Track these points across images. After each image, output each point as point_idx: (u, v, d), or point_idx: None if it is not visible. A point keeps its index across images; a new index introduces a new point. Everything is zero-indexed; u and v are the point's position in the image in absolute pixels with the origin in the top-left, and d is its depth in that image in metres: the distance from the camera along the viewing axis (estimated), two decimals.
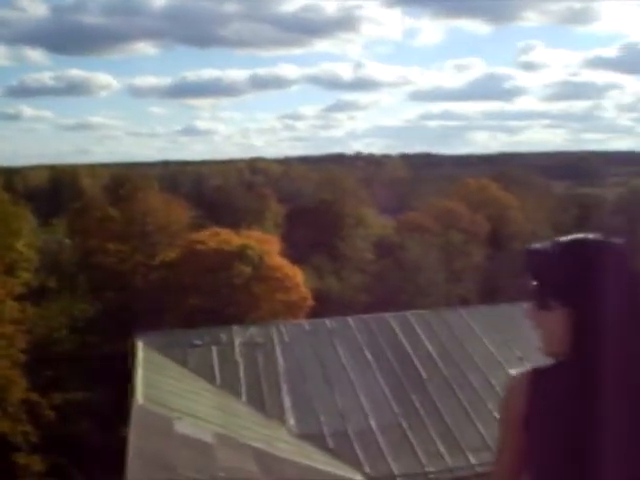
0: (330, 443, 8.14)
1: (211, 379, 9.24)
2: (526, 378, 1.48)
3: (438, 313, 11.71)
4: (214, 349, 9.89)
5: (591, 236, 1.42)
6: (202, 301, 18.91)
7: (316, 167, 61.22)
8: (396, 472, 7.64)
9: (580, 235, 1.42)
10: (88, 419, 15.90)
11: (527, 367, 1.51)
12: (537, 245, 1.44)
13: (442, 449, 7.90)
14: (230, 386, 9.12)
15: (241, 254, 19.52)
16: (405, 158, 78.45)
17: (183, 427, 6.83)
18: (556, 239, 1.43)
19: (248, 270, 19.36)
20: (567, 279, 1.33)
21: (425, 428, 8.26)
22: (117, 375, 11.50)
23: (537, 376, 1.47)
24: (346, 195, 34.03)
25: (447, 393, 8.80)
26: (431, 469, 7.61)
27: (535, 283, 1.39)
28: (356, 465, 7.62)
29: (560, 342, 1.36)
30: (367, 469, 7.58)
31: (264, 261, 19.81)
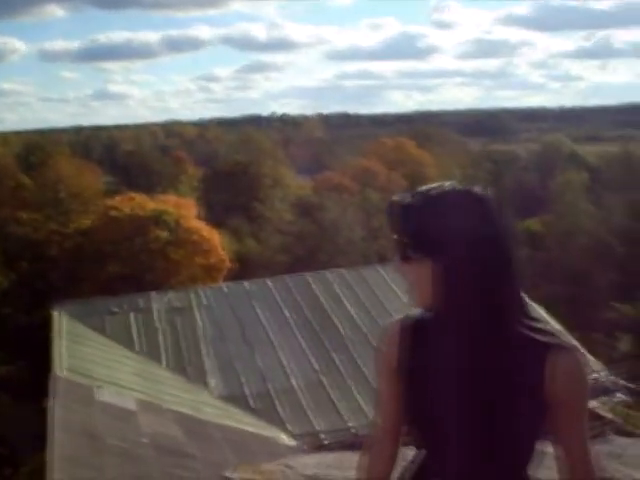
0: (253, 404, 8.21)
1: (131, 346, 9.20)
2: (404, 327, 1.43)
3: (357, 271, 11.79)
4: (132, 316, 9.93)
5: (450, 185, 1.34)
6: (119, 268, 18.66)
7: (232, 129, 59.53)
8: (319, 429, 7.83)
9: (438, 184, 1.35)
10: (6, 392, 15.29)
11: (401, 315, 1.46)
12: (396, 197, 1.39)
13: (363, 405, 8.07)
14: (150, 352, 9.10)
15: (157, 219, 19.27)
16: (322, 118, 77.75)
17: (105, 395, 6.81)
18: (416, 190, 1.37)
19: (165, 235, 19.15)
20: (424, 230, 1.28)
21: (346, 385, 8.50)
22: (35, 346, 10.73)
23: (416, 326, 1.41)
24: (263, 157, 33.74)
25: (367, 349, 8.80)
26: (354, 424, 7.74)
27: (395, 236, 1.35)
28: (280, 424, 7.73)
29: (428, 294, 1.31)
30: (290, 427, 7.70)
31: (181, 225, 19.64)
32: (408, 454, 1.49)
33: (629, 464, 3.28)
